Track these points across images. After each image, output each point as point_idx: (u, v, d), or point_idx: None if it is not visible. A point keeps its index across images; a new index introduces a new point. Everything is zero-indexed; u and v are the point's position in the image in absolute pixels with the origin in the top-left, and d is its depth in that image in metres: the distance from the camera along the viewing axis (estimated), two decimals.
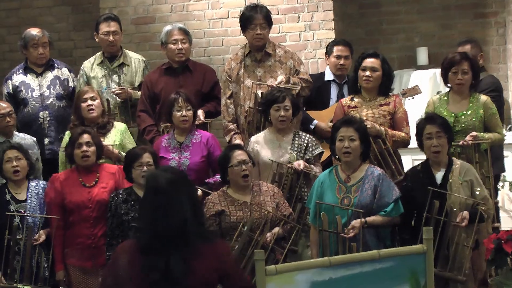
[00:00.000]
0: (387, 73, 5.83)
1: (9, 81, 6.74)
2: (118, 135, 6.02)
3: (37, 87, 6.68)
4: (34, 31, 6.75)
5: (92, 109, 5.99)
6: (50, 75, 6.74)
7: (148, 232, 3.56)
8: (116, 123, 6.14)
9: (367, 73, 5.76)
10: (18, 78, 6.72)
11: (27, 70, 6.74)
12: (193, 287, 3.52)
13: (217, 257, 3.59)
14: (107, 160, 5.86)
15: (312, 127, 6.33)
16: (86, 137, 5.54)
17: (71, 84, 6.79)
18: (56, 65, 6.80)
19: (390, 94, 5.88)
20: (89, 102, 6.00)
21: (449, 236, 5.01)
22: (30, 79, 6.71)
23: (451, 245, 5.02)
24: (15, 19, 9.05)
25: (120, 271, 3.55)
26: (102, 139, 5.88)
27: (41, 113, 6.61)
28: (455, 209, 5.03)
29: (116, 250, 3.68)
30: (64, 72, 6.80)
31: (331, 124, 6.12)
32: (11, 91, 6.69)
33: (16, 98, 6.60)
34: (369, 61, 5.79)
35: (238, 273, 3.75)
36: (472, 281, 5.15)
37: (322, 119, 6.30)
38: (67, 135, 6.06)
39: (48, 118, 6.63)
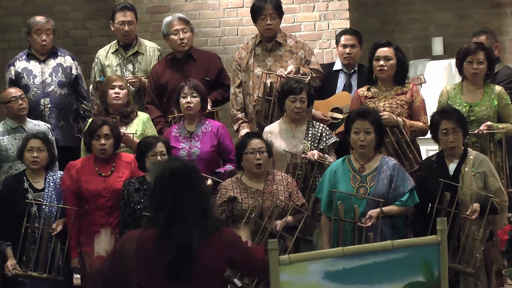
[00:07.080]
0: (401, 61, 5.78)
1: (12, 67, 6.75)
2: (140, 125, 6.02)
3: (39, 74, 6.67)
4: (39, 18, 6.75)
5: (118, 97, 6.00)
6: (52, 62, 6.73)
7: (162, 219, 3.56)
8: (139, 113, 6.14)
9: (381, 62, 5.73)
10: (20, 64, 6.72)
11: (30, 57, 6.74)
12: (201, 276, 3.53)
13: (224, 246, 3.59)
14: (128, 149, 5.86)
15: None
16: (105, 129, 5.52)
17: (73, 72, 6.77)
18: (59, 53, 6.79)
19: (406, 83, 5.84)
20: (117, 90, 6.01)
21: (460, 228, 5.01)
22: (32, 65, 6.70)
23: (461, 236, 5.02)
24: (30, 8, 9.05)
25: (126, 258, 3.54)
26: (124, 128, 5.91)
27: (42, 100, 6.60)
28: (466, 201, 5.02)
29: (122, 239, 3.68)
30: (67, 60, 6.78)
31: (330, 113, 6.13)
32: (14, 77, 6.69)
33: (18, 85, 6.54)
34: (382, 51, 5.76)
35: (251, 257, 3.71)
36: (483, 273, 5.12)
37: (327, 106, 6.28)
38: (90, 122, 6.06)
39: (49, 105, 6.62)
